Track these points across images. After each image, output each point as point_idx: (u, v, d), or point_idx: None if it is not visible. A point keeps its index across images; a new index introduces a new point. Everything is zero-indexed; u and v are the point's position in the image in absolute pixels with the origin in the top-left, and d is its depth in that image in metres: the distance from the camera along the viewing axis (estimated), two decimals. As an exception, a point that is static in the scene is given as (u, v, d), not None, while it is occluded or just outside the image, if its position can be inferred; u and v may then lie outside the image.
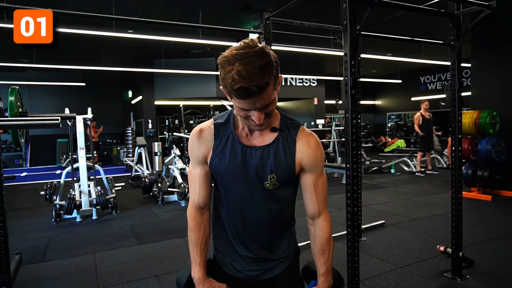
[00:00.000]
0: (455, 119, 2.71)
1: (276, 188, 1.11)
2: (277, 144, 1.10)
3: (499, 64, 5.64)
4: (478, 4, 2.53)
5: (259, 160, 1.09)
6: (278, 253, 1.20)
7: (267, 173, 1.09)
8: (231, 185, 1.13)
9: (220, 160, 1.11)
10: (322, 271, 1.16)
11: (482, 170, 5.23)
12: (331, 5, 6.08)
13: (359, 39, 2.06)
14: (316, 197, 1.15)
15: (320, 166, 1.15)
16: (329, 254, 1.16)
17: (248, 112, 0.99)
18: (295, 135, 1.12)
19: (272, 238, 1.18)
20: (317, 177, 1.15)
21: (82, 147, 4.88)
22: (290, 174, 1.11)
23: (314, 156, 1.13)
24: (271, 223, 1.15)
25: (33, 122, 2.73)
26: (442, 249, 2.93)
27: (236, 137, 1.11)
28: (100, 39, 7.35)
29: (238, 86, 0.90)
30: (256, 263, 1.18)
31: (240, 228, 1.15)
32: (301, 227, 1.27)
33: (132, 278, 2.84)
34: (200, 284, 1.12)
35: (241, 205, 1.13)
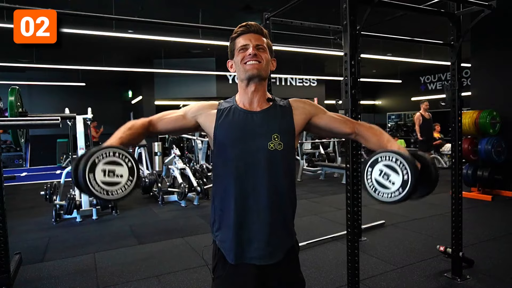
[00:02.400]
0: (455, 119, 2.71)
1: (280, 149, 1.16)
2: (274, 108, 1.23)
3: (499, 64, 5.64)
4: (478, 4, 2.53)
5: (261, 122, 1.19)
6: (282, 233, 1.20)
7: (271, 133, 1.17)
8: (235, 149, 1.16)
9: (224, 127, 1.19)
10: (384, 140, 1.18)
11: (482, 170, 5.23)
12: (331, 5, 6.06)
13: (359, 39, 2.06)
14: (341, 118, 1.28)
15: (323, 108, 1.30)
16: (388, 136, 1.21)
17: (245, 52, 1.17)
18: (287, 102, 1.27)
19: (275, 213, 1.18)
20: (327, 112, 1.29)
21: (82, 147, 4.88)
22: (291, 132, 1.21)
23: (311, 104, 1.28)
24: (274, 192, 1.17)
25: (33, 122, 2.73)
26: (442, 249, 2.94)
27: (238, 106, 1.23)
28: (100, 39, 7.35)
29: (241, 25, 1.21)
30: (258, 245, 1.17)
31: (246, 197, 1.16)
32: (301, 227, 1.27)
33: (132, 278, 2.83)
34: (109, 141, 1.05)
35: (245, 171, 1.15)
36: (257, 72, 1.17)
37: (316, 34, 4.15)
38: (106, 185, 0.94)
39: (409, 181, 0.98)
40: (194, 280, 2.76)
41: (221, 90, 11.16)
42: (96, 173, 0.92)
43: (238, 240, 1.17)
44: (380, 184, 1.04)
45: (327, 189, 6.59)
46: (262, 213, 1.16)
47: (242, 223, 1.17)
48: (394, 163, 1.01)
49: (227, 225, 1.19)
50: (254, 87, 1.20)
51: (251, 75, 1.17)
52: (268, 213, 1.16)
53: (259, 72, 1.17)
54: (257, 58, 1.17)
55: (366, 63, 11.47)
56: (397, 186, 1.00)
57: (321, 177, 7.78)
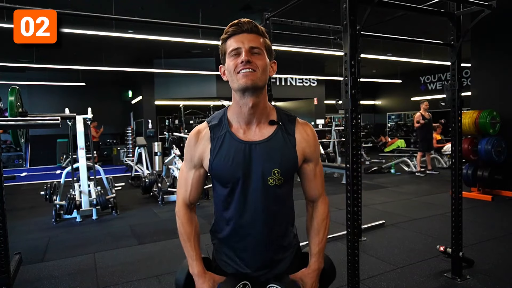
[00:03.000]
0: (455, 119, 2.71)
1: (280, 184, 1.09)
2: (277, 137, 1.10)
3: (499, 64, 5.64)
4: (478, 4, 2.53)
5: (261, 156, 1.07)
6: (281, 253, 1.18)
7: (271, 168, 1.07)
8: (232, 185, 1.10)
9: (219, 162, 1.08)
10: (315, 251, 1.16)
11: (482, 170, 5.23)
12: (331, 5, 6.08)
13: (359, 39, 2.06)
14: (316, 183, 1.19)
15: (319, 154, 1.20)
16: (324, 235, 1.18)
17: (237, 58, 1.03)
18: (293, 127, 1.13)
19: (275, 238, 1.16)
20: (315, 165, 1.18)
21: (82, 147, 4.88)
22: (293, 166, 1.12)
23: (314, 144, 1.16)
24: (273, 222, 1.13)
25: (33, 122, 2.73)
26: (442, 249, 2.93)
27: (233, 134, 1.09)
28: (100, 39, 7.35)
29: (232, 23, 1.06)
30: (259, 265, 1.15)
31: (243, 228, 1.13)
32: (302, 227, 1.27)
33: (132, 278, 2.83)
34: (201, 278, 1.10)
35: (243, 205, 1.11)
36: (251, 83, 1.01)
37: (316, 34, 4.15)
38: None
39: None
40: (194, 280, 2.76)
41: (221, 90, 11.16)
42: None
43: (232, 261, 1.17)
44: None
45: (327, 189, 6.54)
46: (259, 244, 1.14)
47: (239, 253, 1.15)
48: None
49: (223, 247, 1.19)
50: (251, 102, 1.05)
51: (245, 87, 1.02)
52: (264, 243, 1.14)
53: (253, 83, 1.02)
54: (251, 66, 1.02)
55: (366, 63, 11.47)
56: None
57: (321, 177, 7.77)
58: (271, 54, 1.10)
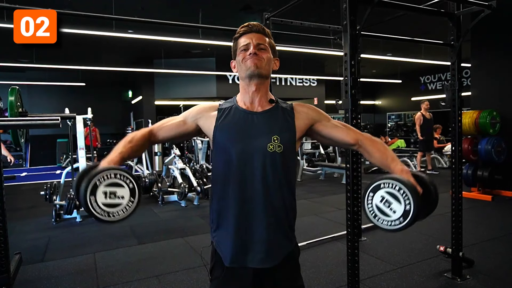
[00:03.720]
0: (455, 119, 2.71)
1: (280, 152, 1.14)
2: (276, 109, 1.22)
3: (499, 64, 5.64)
4: (478, 4, 2.53)
5: (261, 123, 1.17)
6: (278, 232, 1.17)
7: (270, 135, 1.15)
8: (234, 150, 1.13)
9: (223, 128, 1.18)
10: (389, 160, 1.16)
11: (482, 170, 5.23)
12: (331, 5, 6.08)
13: (359, 39, 2.06)
14: (344, 127, 1.26)
15: (327, 115, 1.28)
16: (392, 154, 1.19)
17: (246, 52, 1.17)
18: (290, 106, 1.26)
19: (275, 213, 1.15)
20: (331, 120, 1.27)
21: (82, 147, 4.88)
22: (292, 136, 1.18)
23: (316, 110, 1.27)
24: (273, 193, 1.14)
25: (33, 122, 2.73)
26: (442, 249, 2.94)
27: (239, 106, 1.22)
28: (100, 39, 7.35)
29: (244, 25, 1.21)
30: (255, 248, 1.14)
31: (243, 199, 1.13)
32: (301, 227, 1.27)
33: (132, 278, 2.83)
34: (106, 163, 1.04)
35: (243, 172, 1.13)
36: (257, 70, 1.16)
37: (316, 34, 4.15)
38: (108, 207, 0.95)
39: (411, 211, 0.98)
40: (194, 280, 2.76)
41: (221, 90, 11.16)
42: (97, 195, 0.94)
43: (234, 242, 1.15)
44: (380, 211, 1.03)
45: (327, 189, 6.59)
46: (259, 216, 1.14)
47: (239, 225, 1.14)
48: (397, 191, 1.00)
49: (224, 227, 1.18)
50: (255, 86, 1.19)
51: (251, 72, 1.16)
52: (265, 216, 1.14)
53: (259, 69, 1.16)
54: (258, 57, 1.16)
55: (366, 63, 11.47)
56: (398, 215, 1.00)
57: (321, 177, 7.78)
58: (275, 52, 1.25)
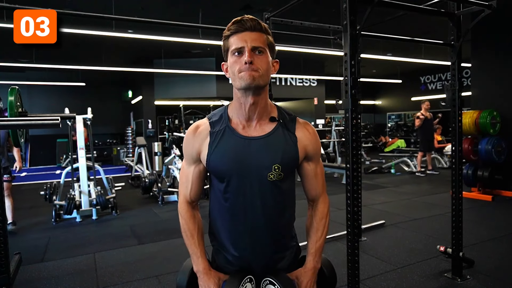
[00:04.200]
0: (455, 119, 2.71)
1: (280, 179, 1.08)
2: (277, 133, 1.09)
3: (499, 64, 5.64)
4: (478, 4, 2.52)
5: (260, 151, 1.06)
6: (281, 252, 1.17)
7: (271, 163, 1.06)
8: (231, 181, 1.08)
9: (217, 156, 1.07)
10: (312, 250, 1.16)
11: (482, 170, 5.23)
12: (331, 5, 6.08)
13: (359, 39, 2.06)
14: (317, 183, 1.19)
15: (319, 153, 1.20)
16: (322, 234, 1.17)
17: (240, 57, 1.02)
18: (294, 125, 1.13)
19: (275, 236, 1.14)
20: (316, 164, 1.18)
21: (82, 147, 4.88)
22: (294, 162, 1.11)
23: (315, 143, 1.15)
24: (273, 219, 1.11)
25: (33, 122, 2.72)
26: (442, 249, 2.93)
27: (233, 129, 1.08)
28: (100, 39, 7.35)
29: (235, 20, 1.03)
30: (258, 264, 1.14)
31: (242, 225, 1.11)
32: (302, 227, 1.27)
33: (132, 278, 2.83)
34: (206, 275, 1.09)
35: (242, 201, 1.09)
36: (254, 83, 1.01)
37: (316, 34, 4.14)
38: None
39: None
40: (194, 280, 2.76)
41: (221, 90, 11.16)
42: None
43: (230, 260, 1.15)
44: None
45: (327, 189, 6.57)
46: (262, 241, 1.12)
47: (241, 249, 1.13)
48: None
49: (221, 246, 1.17)
50: (252, 100, 1.05)
51: (247, 85, 1.01)
52: (267, 240, 1.12)
53: (256, 82, 1.01)
54: (254, 67, 1.00)
55: (366, 63, 11.47)
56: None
57: (321, 177, 7.77)
58: (273, 51, 1.09)
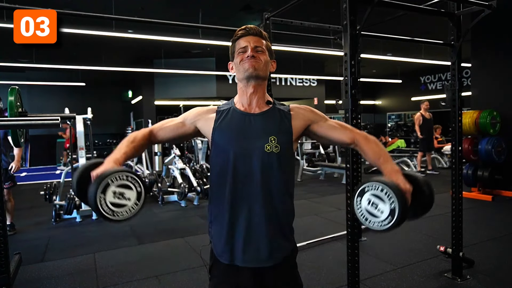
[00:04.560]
0: (455, 119, 2.71)
1: (277, 152, 1.15)
2: (273, 111, 1.24)
3: (499, 64, 5.64)
4: (478, 4, 2.53)
5: (259, 124, 1.19)
6: (279, 238, 1.17)
7: (268, 135, 1.17)
8: (232, 151, 1.15)
9: (222, 128, 1.20)
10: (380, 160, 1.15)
11: (483, 170, 5.23)
12: (331, 5, 6.07)
13: (359, 39, 2.06)
14: (342, 127, 1.27)
15: (324, 116, 1.29)
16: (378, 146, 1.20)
17: (244, 54, 1.20)
18: (287, 108, 1.27)
19: (273, 214, 1.15)
20: (327, 120, 1.28)
21: (82, 147, 4.88)
22: (288, 136, 1.20)
23: (312, 111, 1.29)
24: (271, 193, 1.15)
25: (33, 122, 2.73)
26: (442, 249, 2.94)
27: (236, 108, 1.24)
28: (100, 39, 7.34)
29: (241, 28, 1.24)
30: (253, 248, 1.15)
31: (241, 199, 1.14)
32: (301, 227, 1.27)
33: (132, 278, 2.83)
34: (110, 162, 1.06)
35: (241, 173, 1.14)
36: (254, 72, 1.18)
37: (316, 34, 4.14)
38: (114, 206, 0.99)
39: (396, 209, 1.01)
40: (194, 280, 2.76)
41: (221, 90, 11.16)
42: (107, 194, 0.97)
43: (231, 242, 1.16)
44: (370, 213, 1.07)
45: (327, 189, 6.59)
46: (257, 216, 1.14)
47: (236, 226, 1.15)
48: (380, 192, 1.04)
49: (221, 227, 1.18)
50: (253, 88, 1.21)
51: (249, 74, 1.18)
52: (262, 216, 1.14)
53: (256, 71, 1.18)
54: (255, 59, 1.19)
55: (366, 63, 11.47)
56: (385, 214, 1.03)
57: (321, 177, 7.78)
58: (271, 54, 1.27)
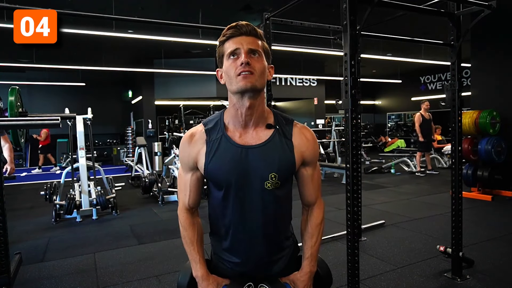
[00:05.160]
0: (455, 119, 2.71)
1: (277, 187, 1.08)
2: (274, 141, 1.08)
3: (499, 64, 5.64)
4: (478, 4, 2.53)
5: (257, 160, 1.06)
6: (278, 253, 1.18)
7: (268, 172, 1.06)
8: (229, 189, 1.08)
9: (215, 165, 1.07)
10: (307, 254, 1.17)
11: (482, 170, 5.23)
12: (331, 5, 6.08)
13: (359, 39, 2.06)
14: (313, 188, 1.18)
15: (317, 158, 1.18)
16: (317, 239, 1.18)
17: (236, 59, 1.01)
18: (290, 130, 1.12)
19: (273, 241, 1.15)
20: (313, 169, 1.17)
21: (82, 147, 4.89)
22: (291, 170, 1.10)
23: (313, 148, 1.14)
24: (272, 225, 1.13)
25: (33, 122, 2.73)
26: (442, 249, 2.94)
27: (229, 138, 1.07)
28: (100, 39, 7.35)
29: (231, 26, 1.04)
30: (256, 265, 1.15)
31: (240, 232, 1.12)
32: (299, 226, 1.27)
33: (132, 278, 2.83)
34: (205, 281, 1.11)
35: (240, 209, 1.09)
36: (250, 86, 1.00)
37: (316, 34, 4.14)
38: None
39: None
40: (194, 280, 2.76)
41: (221, 90, 11.15)
42: None
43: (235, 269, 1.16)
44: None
45: (327, 189, 6.59)
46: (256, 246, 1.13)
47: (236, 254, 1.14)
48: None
49: (219, 248, 1.18)
50: (249, 103, 1.03)
51: (244, 88, 1.00)
52: (261, 246, 1.13)
53: (252, 85, 1.00)
54: (250, 68, 1.00)
55: (366, 63, 11.47)
56: None
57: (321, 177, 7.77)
58: (269, 57, 1.08)
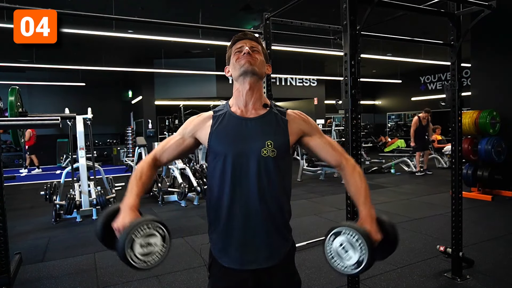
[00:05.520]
0: (455, 119, 2.71)
1: (273, 156, 1.15)
2: (270, 115, 1.22)
3: (499, 64, 5.64)
4: (478, 4, 2.53)
5: (255, 128, 1.18)
6: (277, 239, 1.19)
7: (265, 139, 1.16)
8: (229, 156, 1.15)
9: (219, 134, 1.19)
10: (360, 199, 1.20)
11: (482, 170, 5.23)
12: (331, 5, 6.08)
13: (359, 39, 2.06)
14: (332, 150, 1.25)
15: (319, 130, 1.28)
16: (362, 182, 1.22)
17: (240, 53, 1.20)
18: (284, 112, 1.26)
19: (270, 217, 1.16)
20: (320, 137, 1.26)
21: (82, 147, 4.89)
22: (285, 141, 1.19)
23: (308, 121, 1.27)
24: (268, 197, 1.15)
25: (33, 122, 2.73)
26: (442, 249, 2.94)
27: (232, 112, 1.23)
28: (100, 39, 7.35)
29: (238, 33, 1.26)
30: (250, 250, 1.16)
31: (238, 204, 1.15)
32: (301, 227, 1.27)
33: (132, 278, 2.83)
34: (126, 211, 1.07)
35: (239, 177, 1.14)
36: (250, 67, 1.17)
37: (316, 34, 4.14)
38: (144, 257, 1.02)
39: (364, 262, 1.06)
40: (194, 280, 2.76)
41: (221, 90, 11.17)
42: (135, 249, 1.01)
43: (229, 246, 1.17)
44: (338, 254, 1.09)
45: (327, 189, 6.59)
46: (253, 220, 1.15)
47: (233, 228, 1.16)
48: (354, 240, 1.07)
49: (219, 229, 1.19)
50: (249, 85, 1.19)
51: (245, 69, 1.17)
52: (259, 219, 1.15)
53: (252, 67, 1.17)
54: (251, 57, 1.19)
55: (366, 63, 11.48)
56: (352, 262, 1.07)
57: (321, 177, 7.78)
58: (267, 59, 1.27)
